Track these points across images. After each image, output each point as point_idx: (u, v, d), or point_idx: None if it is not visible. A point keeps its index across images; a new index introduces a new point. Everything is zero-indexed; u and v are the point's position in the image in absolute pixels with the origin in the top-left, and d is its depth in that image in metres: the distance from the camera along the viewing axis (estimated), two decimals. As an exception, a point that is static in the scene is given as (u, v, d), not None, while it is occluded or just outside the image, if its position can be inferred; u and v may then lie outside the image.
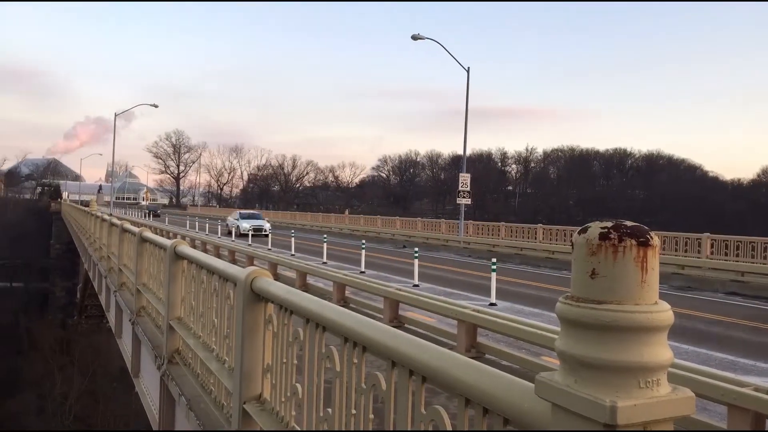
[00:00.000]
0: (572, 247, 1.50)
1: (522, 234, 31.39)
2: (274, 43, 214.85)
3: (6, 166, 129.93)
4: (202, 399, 5.32)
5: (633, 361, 1.37)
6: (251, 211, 48.70)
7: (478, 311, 9.01)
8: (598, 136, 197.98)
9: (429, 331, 10.08)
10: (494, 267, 14.04)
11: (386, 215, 52.47)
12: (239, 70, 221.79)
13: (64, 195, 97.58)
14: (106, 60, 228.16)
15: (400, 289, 11.15)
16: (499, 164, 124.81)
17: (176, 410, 6.57)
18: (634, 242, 1.41)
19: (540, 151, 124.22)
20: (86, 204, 59.61)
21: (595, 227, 1.46)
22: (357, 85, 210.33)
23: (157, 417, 7.68)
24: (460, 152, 37.87)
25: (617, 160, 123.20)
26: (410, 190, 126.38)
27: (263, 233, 35.79)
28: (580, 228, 1.49)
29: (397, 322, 10.82)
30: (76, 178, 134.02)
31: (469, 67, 33.60)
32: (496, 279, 13.93)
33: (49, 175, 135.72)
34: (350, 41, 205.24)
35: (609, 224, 1.45)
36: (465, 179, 34.26)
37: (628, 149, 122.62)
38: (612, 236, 1.42)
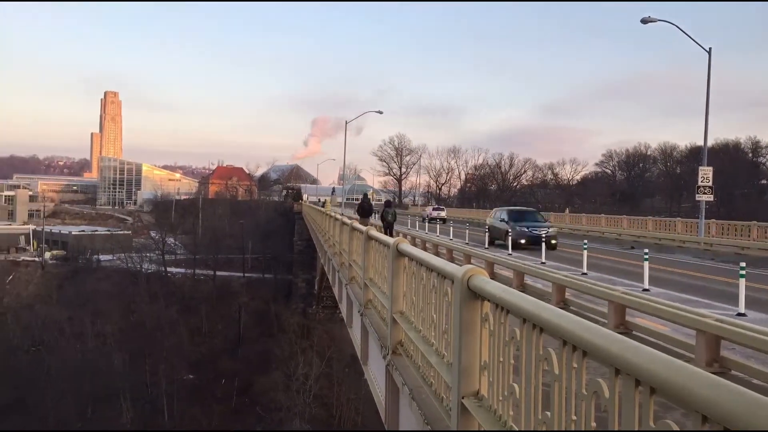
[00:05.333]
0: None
1: (780, 235, 27.01)
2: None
3: (259, 172, 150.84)
4: (423, 390, 5.56)
5: None
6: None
7: (721, 321, 7.98)
8: None
9: (661, 340, 9.21)
10: (743, 272, 12.29)
11: (611, 214, 49.06)
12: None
13: (304, 197, 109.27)
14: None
15: (626, 293, 10.37)
16: (750, 155, 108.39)
17: (400, 398, 6.96)
18: None
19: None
20: (322, 205, 66.09)
21: None
22: (575, 78, 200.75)
23: (383, 403, 8.21)
24: (700, 143, 34.00)
25: None
26: (639, 186, 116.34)
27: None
28: None
29: (624, 328, 10.07)
30: (314, 181, 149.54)
31: (710, 48, 29.90)
32: (746, 285, 12.18)
33: (292, 179, 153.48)
34: (572, 35, 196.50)
35: None
36: (706, 173, 30.59)
37: None
38: None
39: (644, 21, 30.67)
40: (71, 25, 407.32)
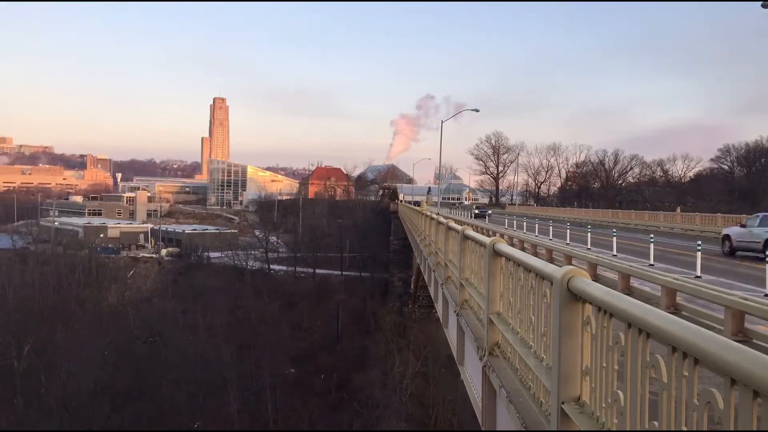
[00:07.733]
0: None
1: None
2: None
3: (356, 173, 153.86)
4: (520, 393, 5.45)
5: None
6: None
7: None
8: None
9: (786, 351, 8.45)
10: None
11: (729, 213, 45.59)
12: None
13: (400, 196, 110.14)
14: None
15: (745, 298, 9.61)
16: None
17: (497, 401, 6.86)
18: None
19: None
20: (418, 204, 66.37)
21: None
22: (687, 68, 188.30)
23: (479, 405, 8.13)
24: (833, 134, 30.63)
25: None
26: (761, 183, 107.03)
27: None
28: None
29: (742, 335, 9.34)
30: (409, 181, 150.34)
31: None
32: None
33: (388, 178, 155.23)
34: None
35: None
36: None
37: None
38: None
39: (765, 6, 28.16)
40: (184, 37, 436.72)
